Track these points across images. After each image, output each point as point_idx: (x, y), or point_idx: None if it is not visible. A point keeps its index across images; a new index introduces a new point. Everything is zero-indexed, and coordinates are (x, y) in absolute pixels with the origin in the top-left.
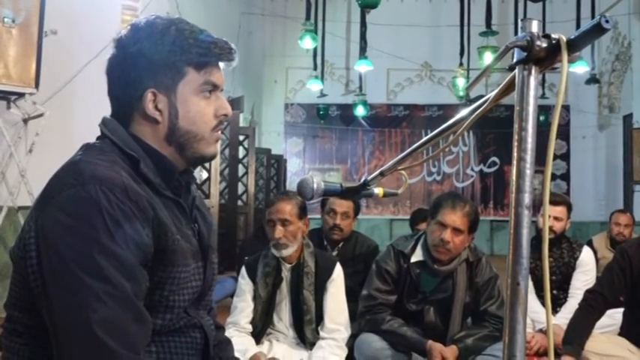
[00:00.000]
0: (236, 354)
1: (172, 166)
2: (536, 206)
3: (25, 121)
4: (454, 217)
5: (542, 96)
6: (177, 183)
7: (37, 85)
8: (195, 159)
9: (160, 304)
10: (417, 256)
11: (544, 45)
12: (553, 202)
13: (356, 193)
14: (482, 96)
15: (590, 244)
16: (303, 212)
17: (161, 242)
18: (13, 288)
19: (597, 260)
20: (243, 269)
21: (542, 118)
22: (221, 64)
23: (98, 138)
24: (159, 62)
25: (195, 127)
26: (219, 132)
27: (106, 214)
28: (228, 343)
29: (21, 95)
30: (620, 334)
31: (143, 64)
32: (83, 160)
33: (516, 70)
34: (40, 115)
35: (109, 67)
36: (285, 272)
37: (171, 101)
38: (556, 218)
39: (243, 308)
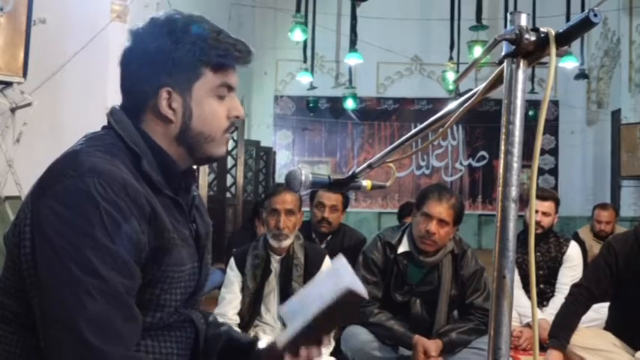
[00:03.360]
0: None
1: (176, 166)
2: (524, 200)
3: (13, 110)
4: (440, 209)
5: (532, 91)
6: (178, 184)
7: (25, 75)
8: (203, 159)
9: (151, 302)
10: (404, 247)
11: (532, 38)
12: (541, 198)
13: (344, 186)
14: (472, 90)
15: (576, 236)
16: (302, 204)
17: (157, 240)
18: (4, 274)
19: (585, 251)
20: (232, 261)
21: (531, 112)
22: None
23: (104, 127)
24: (177, 61)
25: (208, 128)
26: (229, 134)
27: (102, 208)
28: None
29: (9, 84)
30: (605, 329)
31: (161, 62)
32: (83, 151)
33: (504, 63)
34: (28, 105)
35: (124, 59)
36: (275, 264)
37: (185, 101)
38: (544, 213)
39: (231, 300)
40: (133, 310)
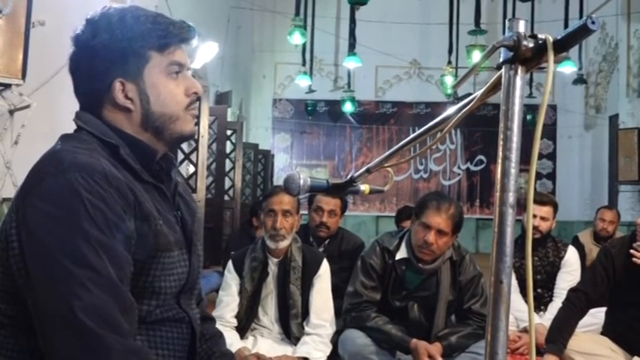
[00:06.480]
0: None
1: (151, 151)
2: (522, 205)
3: (11, 112)
4: (438, 220)
5: (530, 95)
6: (158, 167)
7: (23, 77)
8: (173, 139)
9: (145, 289)
10: (402, 254)
11: (530, 45)
12: (540, 202)
13: (342, 190)
14: (470, 94)
15: (576, 239)
16: (299, 206)
17: (144, 227)
18: None
19: (585, 254)
20: (230, 263)
21: (529, 117)
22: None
23: (75, 131)
24: (121, 51)
25: (169, 108)
26: (194, 110)
27: (87, 200)
28: (220, 336)
29: (7, 86)
30: (602, 333)
31: (106, 56)
32: (62, 150)
33: (503, 70)
34: (27, 107)
35: (72, 65)
36: (272, 267)
37: (140, 88)
38: (542, 218)
39: (229, 302)
40: (129, 299)
